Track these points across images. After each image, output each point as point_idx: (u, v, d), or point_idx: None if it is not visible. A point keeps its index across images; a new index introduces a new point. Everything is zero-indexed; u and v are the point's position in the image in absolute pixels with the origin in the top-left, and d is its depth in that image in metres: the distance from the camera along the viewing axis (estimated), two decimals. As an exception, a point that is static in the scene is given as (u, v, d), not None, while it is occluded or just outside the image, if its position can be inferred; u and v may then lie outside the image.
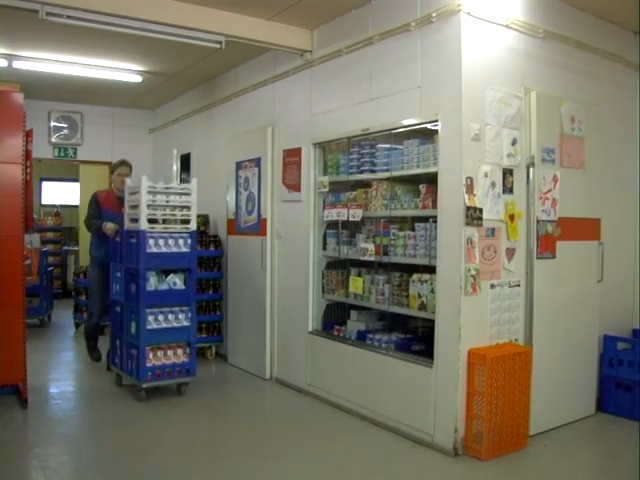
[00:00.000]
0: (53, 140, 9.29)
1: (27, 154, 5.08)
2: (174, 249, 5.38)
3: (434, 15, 4.29)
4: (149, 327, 5.25)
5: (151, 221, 5.31)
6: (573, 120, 4.74)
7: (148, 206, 5.28)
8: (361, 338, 5.10)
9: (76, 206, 11.09)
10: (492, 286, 4.29)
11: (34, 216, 7.34)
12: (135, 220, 5.41)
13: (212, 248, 7.01)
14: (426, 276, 4.50)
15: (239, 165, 6.62)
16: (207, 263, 6.94)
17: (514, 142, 4.40)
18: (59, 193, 13.25)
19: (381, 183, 4.98)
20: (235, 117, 7.02)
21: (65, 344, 7.93)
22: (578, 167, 4.81)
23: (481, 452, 4.06)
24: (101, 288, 6.22)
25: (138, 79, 7.54)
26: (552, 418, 4.64)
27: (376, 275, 5.06)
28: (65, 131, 9.36)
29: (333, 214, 5.30)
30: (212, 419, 5.07)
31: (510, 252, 4.40)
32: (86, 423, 4.96)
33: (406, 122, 4.58)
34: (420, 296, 4.51)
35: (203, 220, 7.26)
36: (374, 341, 4.96)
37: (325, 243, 5.58)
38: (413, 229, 4.67)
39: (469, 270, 4.10)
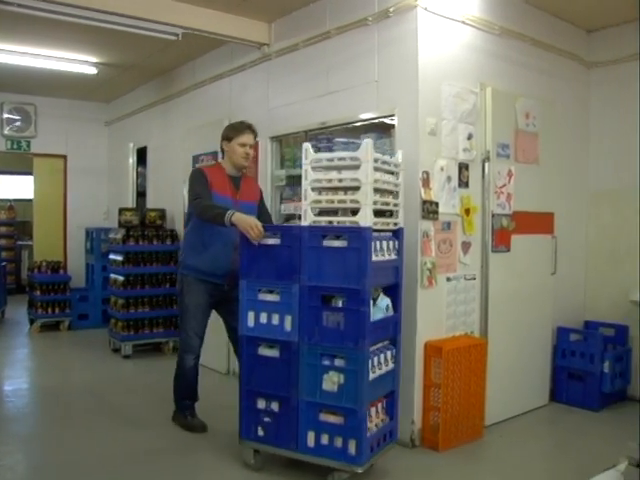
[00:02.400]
0: (6, 132, 9.07)
1: (-23, 146, 4.96)
2: (386, 256, 3.59)
3: (391, 10, 4.30)
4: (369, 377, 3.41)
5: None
6: (528, 116, 4.82)
7: (375, 190, 3.43)
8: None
9: (30, 200, 10.82)
10: (448, 279, 4.34)
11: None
12: (335, 212, 3.54)
13: (169, 242, 7.02)
14: (383, 270, 4.51)
15: (196, 159, 6.55)
16: (164, 257, 6.95)
17: (470, 137, 4.44)
18: (12, 187, 12.90)
19: (339, 177, 4.98)
20: (192, 110, 6.94)
21: (19, 341, 7.75)
22: (532, 162, 4.89)
23: (438, 443, 4.10)
24: (204, 316, 4.27)
25: (93, 71, 7.38)
26: (507, 408, 4.71)
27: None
28: (18, 123, 9.14)
29: (290, 208, 5.29)
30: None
31: (466, 245, 4.46)
32: (40, 421, 4.84)
33: (363, 116, 4.59)
34: (378, 290, 4.53)
35: (160, 214, 7.31)
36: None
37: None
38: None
39: (425, 263, 4.13)
